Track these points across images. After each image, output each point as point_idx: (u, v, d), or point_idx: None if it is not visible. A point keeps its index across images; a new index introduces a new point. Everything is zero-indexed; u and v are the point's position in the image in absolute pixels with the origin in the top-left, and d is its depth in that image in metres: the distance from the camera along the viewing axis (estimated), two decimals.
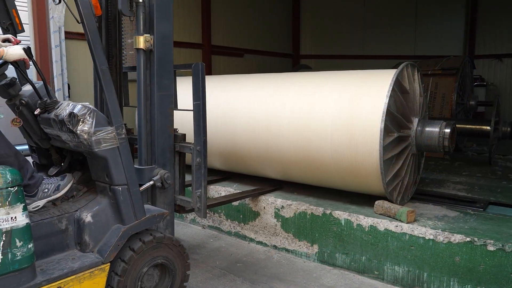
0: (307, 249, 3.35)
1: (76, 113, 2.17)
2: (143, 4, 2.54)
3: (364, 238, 3.04)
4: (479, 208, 3.29)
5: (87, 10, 2.20)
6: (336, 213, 3.19)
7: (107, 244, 2.24)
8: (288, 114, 3.44)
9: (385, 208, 3.08)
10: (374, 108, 3.04)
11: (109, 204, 2.32)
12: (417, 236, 2.82)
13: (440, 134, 3.25)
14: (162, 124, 2.66)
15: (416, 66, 3.45)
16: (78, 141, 2.23)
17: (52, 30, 4.70)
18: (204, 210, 2.76)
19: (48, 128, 2.38)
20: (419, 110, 3.43)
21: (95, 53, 2.24)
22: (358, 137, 3.07)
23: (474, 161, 5.33)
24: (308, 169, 3.45)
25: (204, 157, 2.73)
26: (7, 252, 1.87)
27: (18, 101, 2.37)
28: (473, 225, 2.90)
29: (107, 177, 2.29)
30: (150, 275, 2.44)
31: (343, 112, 3.17)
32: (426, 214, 3.15)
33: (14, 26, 2.57)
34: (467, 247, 2.64)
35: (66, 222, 2.27)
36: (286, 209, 3.45)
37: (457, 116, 5.86)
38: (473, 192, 3.79)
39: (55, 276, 2.03)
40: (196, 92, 2.70)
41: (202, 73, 2.70)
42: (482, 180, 4.26)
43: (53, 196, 2.35)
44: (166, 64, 2.66)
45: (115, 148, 2.26)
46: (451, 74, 5.88)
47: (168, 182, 2.64)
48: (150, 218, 2.42)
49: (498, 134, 5.01)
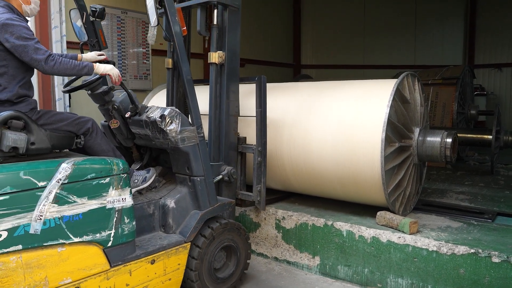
0: (309, 261, 3.30)
1: (166, 115, 2.61)
2: (217, 26, 3.04)
3: (367, 249, 3.00)
4: (488, 220, 3.24)
5: (178, 30, 2.70)
6: (337, 224, 3.15)
7: (188, 226, 2.67)
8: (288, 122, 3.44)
9: (387, 219, 3.05)
10: (375, 118, 3.02)
11: (188, 192, 2.76)
12: (420, 247, 2.78)
13: (441, 144, 3.22)
14: (229, 127, 3.16)
15: (416, 76, 3.44)
16: (166, 139, 2.65)
17: (54, 40, 4.72)
18: (263, 203, 3.19)
19: (138, 128, 2.82)
20: (420, 120, 3.42)
21: (182, 66, 2.72)
22: (359, 147, 3.05)
23: (476, 171, 5.30)
24: (308, 180, 3.42)
25: (264, 157, 3.18)
26: (118, 227, 2.28)
27: (111, 106, 2.81)
28: (477, 236, 2.87)
29: (188, 169, 2.74)
30: (219, 256, 2.84)
31: (344, 121, 3.15)
32: (429, 225, 3.11)
33: (100, 43, 3.10)
34: (472, 259, 2.60)
35: (153, 207, 2.70)
36: (287, 220, 3.42)
37: (458, 126, 5.84)
38: (476, 202, 3.75)
39: (150, 250, 2.45)
40: (259, 101, 3.18)
41: (264, 85, 3.18)
42: (485, 190, 4.22)
43: (141, 186, 2.81)
44: (234, 77, 3.16)
45: (195, 144, 2.71)
46: (451, 83, 5.88)
47: (234, 177, 3.10)
48: (221, 205, 2.86)
49: (499, 143, 4.99)
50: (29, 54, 2.33)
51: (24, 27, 2.36)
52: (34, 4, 2.56)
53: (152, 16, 2.57)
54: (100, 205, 2.20)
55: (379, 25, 9.61)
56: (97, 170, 2.20)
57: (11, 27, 2.30)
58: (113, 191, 2.25)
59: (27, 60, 2.35)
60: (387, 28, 9.54)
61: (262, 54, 9.09)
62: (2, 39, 2.31)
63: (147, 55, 5.97)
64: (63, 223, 2.08)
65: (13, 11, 2.45)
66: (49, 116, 2.52)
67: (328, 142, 3.19)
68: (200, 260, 2.68)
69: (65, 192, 2.08)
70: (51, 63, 2.36)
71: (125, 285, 2.34)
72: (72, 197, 2.10)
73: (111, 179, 2.24)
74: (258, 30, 8.94)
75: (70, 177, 2.09)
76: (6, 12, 2.39)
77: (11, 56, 2.36)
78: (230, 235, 2.87)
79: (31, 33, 2.37)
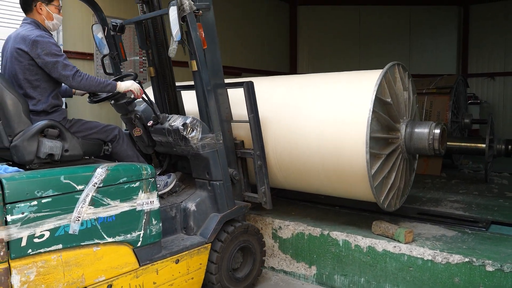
0: (305, 270, 3.32)
1: (188, 123, 2.77)
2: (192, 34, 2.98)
3: (363, 259, 3.03)
4: (482, 228, 3.27)
5: (198, 45, 2.78)
6: (334, 234, 3.17)
7: (208, 228, 2.81)
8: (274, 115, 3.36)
9: (383, 228, 3.08)
10: (359, 110, 2.92)
11: (207, 196, 2.91)
12: (416, 257, 2.81)
13: (430, 135, 3.11)
14: (223, 130, 3.10)
15: (402, 65, 3.30)
16: (187, 146, 2.80)
17: None
18: (270, 202, 3.22)
19: (160, 136, 2.96)
20: (407, 111, 3.27)
21: (202, 77, 2.82)
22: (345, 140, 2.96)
23: (470, 179, 5.35)
24: (294, 175, 3.37)
25: (264, 159, 3.20)
26: (147, 228, 2.42)
27: (133, 115, 2.98)
28: (471, 245, 2.90)
29: (208, 174, 2.90)
30: (236, 257, 2.99)
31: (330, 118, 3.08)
32: (424, 234, 3.14)
33: (120, 56, 3.27)
34: (466, 267, 2.63)
35: (175, 210, 2.86)
36: (283, 230, 3.44)
37: (453, 134, 5.91)
38: (470, 211, 3.79)
39: (174, 250, 2.60)
40: (250, 106, 3.14)
41: (252, 90, 3.14)
42: (479, 199, 4.27)
43: (163, 190, 2.97)
44: (218, 80, 3.05)
45: (215, 151, 2.86)
46: (445, 92, 5.95)
47: (236, 179, 3.14)
48: (238, 208, 3.00)
49: (493, 151, 5.05)
50: (58, 70, 2.47)
51: (53, 43, 2.50)
52: (56, 20, 2.67)
53: (174, 30, 2.63)
54: (130, 207, 2.35)
55: (374, 34, 9.72)
56: (128, 175, 2.35)
57: (42, 44, 2.44)
58: (142, 194, 2.40)
59: (56, 76, 2.50)
60: (382, 37, 9.65)
61: (259, 63, 9.15)
62: (34, 55, 2.45)
63: (143, 64, 6.01)
64: (98, 224, 2.22)
65: (40, 27, 2.58)
66: (80, 124, 2.67)
67: (313, 137, 3.12)
68: (221, 258, 2.85)
69: (100, 195, 2.22)
70: (78, 78, 2.51)
71: (152, 283, 2.48)
72: (106, 200, 2.25)
73: (140, 183, 2.39)
74: (255, 39, 9.01)
75: (104, 181, 2.23)
76: (35, 29, 2.53)
77: (42, 70, 2.50)
78: (247, 237, 3.03)
79: (59, 49, 2.52)
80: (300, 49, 10.37)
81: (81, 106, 5.15)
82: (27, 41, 2.43)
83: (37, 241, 2.00)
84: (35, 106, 2.50)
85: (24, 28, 2.53)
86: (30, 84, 2.49)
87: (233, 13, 8.19)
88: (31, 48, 2.42)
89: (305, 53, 10.37)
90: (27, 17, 2.61)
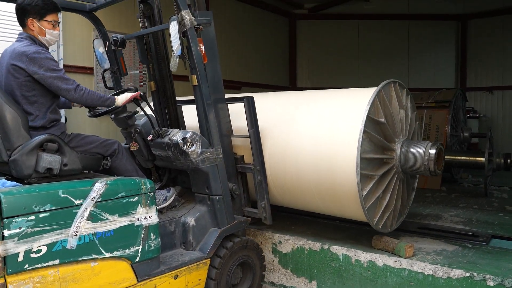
0: (305, 285, 3.28)
1: (188, 137, 2.75)
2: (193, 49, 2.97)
3: (363, 274, 3.00)
4: (482, 242, 3.25)
5: (198, 60, 2.77)
6: (334, 248, 3.15)
7: (207, 243, 2.78)
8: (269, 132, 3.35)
9: (383, 243, 3.06)
10: (351, 130, 2.88)
11: (207, 211, 2.89)
12: (416, 271, 2.78)
13: (425, 155, 3.00)
14: (223, 145, 3.07)
15: (399, 83, 3.21)
16: (187, 160, 2.78)
17: None
18: (270, 218, 3.20)
19: (159, 150, 2.95)
20: (403, 130, 3.19)
21: (203, 92, 2.80)
22: (337, 161, 2.93)
23: (470, 193, 5.34)
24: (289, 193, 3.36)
25: (264, 175, 3.18)
26: (145, 243, 2.40)
27: (133, 129, 2.98)
28: (472, 259, 2.88)
29: (207, 188, 2.87)
30: (236, 272, 2.95)
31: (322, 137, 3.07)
32: (425, 248, 3.12)
33: (120, 70, 3.31)
34: (467, 282, 2.61)
35: (174, 225, 2.83)
36: (283, 244, 3.41)
37: (452, 148, 5.92)
38: (470, 225, 3.77)
39: (173, 266, 2.57)
40: (250, 121, 3.14)
41: (252, 105, 3.14)
42: (479, 213, 4.25)
43: (162, 205, 2.93)
44: (219, 94, 3.05)
45: (215, 165, 2.84)
46: (444, 106, 5.98)
47: (236, 193, 3.11)
48: (238, 223, 2.97)
49: (492, 165, 5.05)
50: (58, 84, 2.48)
51: (51, 59, 2.50)
52: (50, 35, 2.63)
53: (175, 45, 2.64)
54: (129, 222, 2.34)
55: (373, 49, 9.82)
56: (127, 189, 2.34)
57: (39, 60, 2.44)
58: (141, 209, 2.39)
59: (55, 90, 2.50)
60: (381, 52, 9.74)
61: (259, 77, 9.21)
62: (31, 71, 2.43)
63: (143, 78, 6.05)
64: (96, 239, 2.20)
65: (35, 42, 2.56)
66: (79, 139, 2.67)
67: (306, 155, 3.09)
68: (220, 274, 2.82)
69: (98, 209, 2.21)
70: (80, 92, 2.54)
71: None
72: (104, 215, 2.24)
73: (139, 197, 2.38)
74: (255, 53, 9.09)
75: (103, 195, 2.22)
76: (30, 44, 2.52)
77: (39, 85, 2.49)
78: (246, 252, 3.01)
79: (57, 64, 2.53)
80: (299, 63, 10.46)
81: (80, 120, 5.17)
82: (23, 58, 2.41)
83: (34, 256, 1.98)
84: (33, 122, 2.49)
85: (20, 44, 2.51)
86: (27, 100, 2.48)
87: (234, 28, 8.29)
88: (27, 65, 2.41)
89: (304, 67, 10.45)
90: (23, 32, 2.59)
